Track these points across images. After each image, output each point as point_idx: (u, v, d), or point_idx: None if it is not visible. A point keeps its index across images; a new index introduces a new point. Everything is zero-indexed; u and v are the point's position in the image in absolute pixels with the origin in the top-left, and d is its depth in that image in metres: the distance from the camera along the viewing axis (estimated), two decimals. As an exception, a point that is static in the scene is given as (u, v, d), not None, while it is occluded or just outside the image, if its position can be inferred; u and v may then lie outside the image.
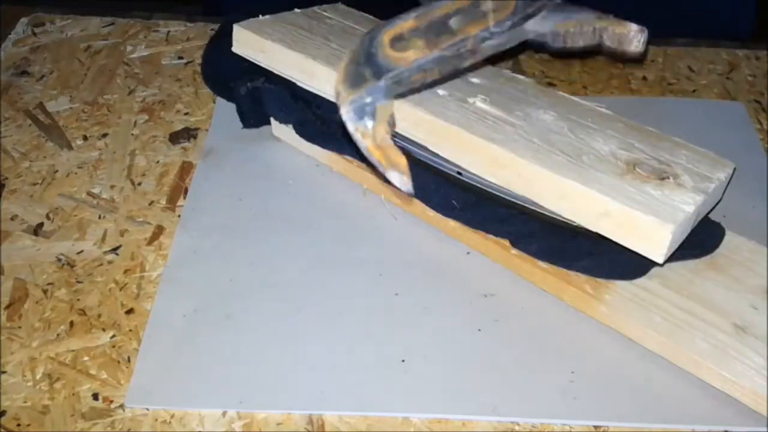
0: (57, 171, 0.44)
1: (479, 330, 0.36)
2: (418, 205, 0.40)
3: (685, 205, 0.32)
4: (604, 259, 0.35)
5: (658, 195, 0.32)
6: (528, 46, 0.35)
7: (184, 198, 0.42)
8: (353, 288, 0.37)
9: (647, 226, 0.31)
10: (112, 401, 0.33)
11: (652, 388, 0.33)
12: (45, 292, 0.38)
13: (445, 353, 0.35)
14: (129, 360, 0.35)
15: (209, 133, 0.47)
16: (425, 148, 0.38)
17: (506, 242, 0.38)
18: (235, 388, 0.33)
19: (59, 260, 0.39)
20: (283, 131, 0.46)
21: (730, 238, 0.38)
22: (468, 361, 0.34)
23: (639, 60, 0.35)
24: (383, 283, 0.38)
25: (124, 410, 0.33)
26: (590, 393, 0.33)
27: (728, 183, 0.35)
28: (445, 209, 0.39)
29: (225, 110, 0.48)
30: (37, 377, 0.34)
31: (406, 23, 0.32)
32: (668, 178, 0.33)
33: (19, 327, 0.36)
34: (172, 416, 0.33)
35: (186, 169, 0.44)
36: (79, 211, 0.42)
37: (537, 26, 0.33)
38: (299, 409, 0.33)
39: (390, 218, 0.41)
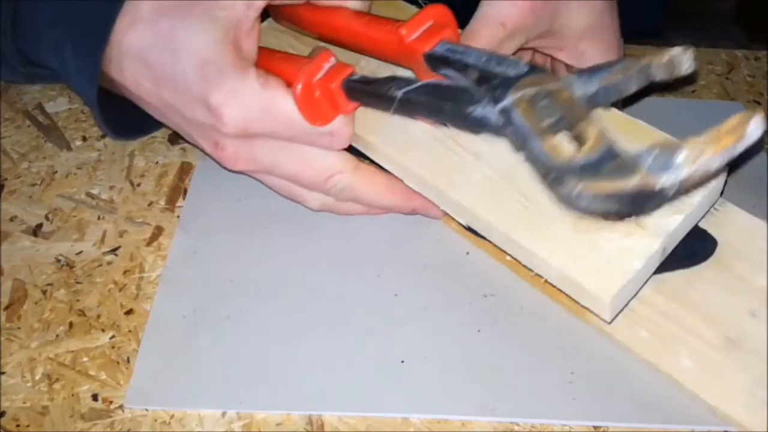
0: (56, 172, 0.44)
1: (479, 331, 0.36)
2: None
3: (636, 259, 0.30)
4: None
5: (609, 247, 0.31)
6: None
7: (184, 199, 0.42)
8: (353, 288, 0.37)
9: (588, 295, 0.31)
10: (111, 402, 0.33)
11: (652, 388, 0.33)
12: (44, 292, 0.38)
13: (444, 354, 0.35)
14: (128, 360, 0.35)
15: (208, 133, 0.47)
16: None
17: None
18: (234, 388, 0.33)
19: (58, 261, 0.39)
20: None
21: (745, 223, 0.35)
22: (468, 362, 0.34)
23: (693, 79, 0.33)
24: (383, 284, 0.38)
25: (123, 411, 0.33)
26: (590, 393, 0.33)
27: (725, 182, 0.34)
28: None
29: (224, 111, 0.48)
30: (37, 378, 0.34)
31: None
32: (630, 214, 0.32)
33: (18, 328, 0.36)
34: (172, 417, 0.33)
35: (185, 169, 0.44)
36: (79, 211, 0.42)
37: (584, 89, 0.31)
38: (299, 410, 0.33)
39: (390, 218, 0.41)
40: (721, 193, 0.35)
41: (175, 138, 0.46)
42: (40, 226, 0.41)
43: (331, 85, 0.34)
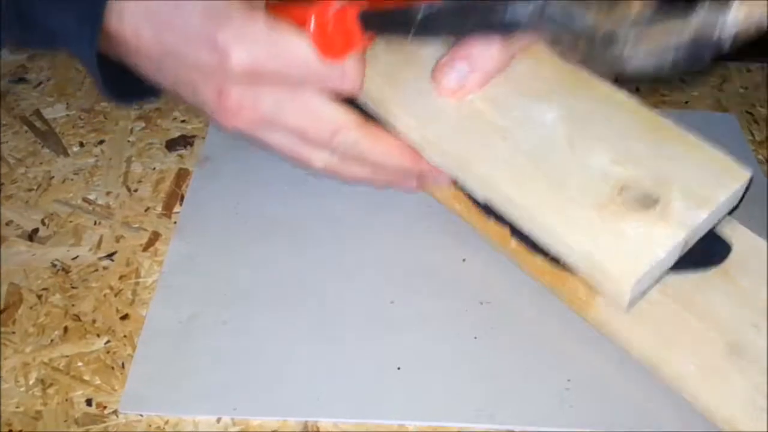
0: (53, 177, 0.44)
1: (475, 337, 0.36)
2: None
3: (659, 248, 0.31)
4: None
5: (634, 234, 0.31)
6: None
7: (180, 205, 0.42)
8: (349, 295, 0.37)
9: (610, 277, 0.31)
10: (105, 407, 0.33)
11: (649, 395, 0.33)
12: (39, 297, 0.38)
13: (441, 360, 0.35)
14: (123, 366, 0.34)
15: (205, 140, 0.47)
16: None
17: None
18: (230, 394, 0.33)
19: (54, 266, 0.39)
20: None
21: (749, 240, 0.36)
22: (464, 369, 0.34)
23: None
24: (379, 291, 0.38)
25: (117, 416, 0.33)
26: (587, 400, 0.33)
27: (744, 192, 0.34)
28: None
29: (222, 118, 0.48)
30: (30, 383, 0.34)
31: None
32: (655, 205, 0.32)
33: (13, 332, 0.36)
34: (166, 422, 0.32)
35: (182, 176, 0.44)
36: (75, 217, 0.42)
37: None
38: (294, 416, 0.33)
39: (386, 225, 0.41)
40: (742, 197, 0.34)
41: (173, 144, 0.46)
42: (36, 231, 0.41)
43: (346, 17, 0.33)
